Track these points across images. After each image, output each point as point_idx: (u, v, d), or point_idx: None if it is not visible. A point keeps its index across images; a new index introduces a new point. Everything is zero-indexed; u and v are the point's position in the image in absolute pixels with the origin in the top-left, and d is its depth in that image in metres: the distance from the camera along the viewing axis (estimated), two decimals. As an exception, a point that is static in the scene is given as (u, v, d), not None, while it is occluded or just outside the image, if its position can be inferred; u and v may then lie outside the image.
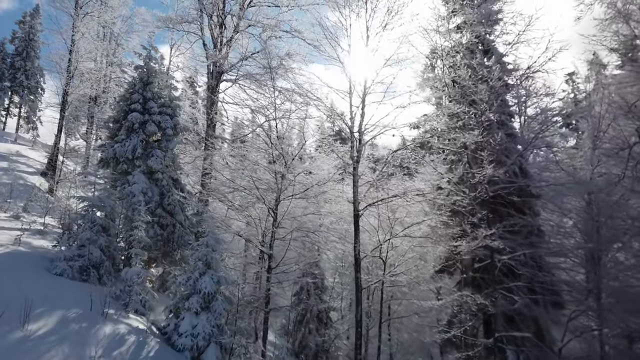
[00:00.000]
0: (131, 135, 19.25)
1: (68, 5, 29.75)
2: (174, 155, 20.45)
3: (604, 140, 20.05)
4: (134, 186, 18.01)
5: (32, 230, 18.24)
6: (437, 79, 22.95)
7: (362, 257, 16.56)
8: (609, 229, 17.01)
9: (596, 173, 19.26)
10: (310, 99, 17.65)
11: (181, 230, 19.22)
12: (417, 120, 17.84)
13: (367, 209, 17.14)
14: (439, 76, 23.37)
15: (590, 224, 17.09)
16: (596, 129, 19.56)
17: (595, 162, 19.23)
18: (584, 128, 21.58)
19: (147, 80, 20.13)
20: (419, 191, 16.56)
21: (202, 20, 23.90)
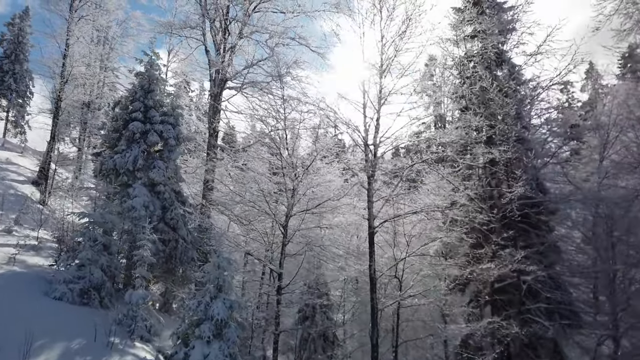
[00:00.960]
0: (132, 146, 18.29)
1: (63, 8, 28.64)
2: (176, 166, 19.52)
3: (611, 151, 19.68)
4: (135, 200, 17.05)
5: (25, 245, 17.22)
6: (436, 86, 22.24)
7: (377, 277, 15.78)
8: (625, 245, 16.51)
9: (604, 185, 18.86)
10: (321, 109, 16.85)
11: (184, 246, 18.28)
12: (434, 134, 17.09)
13: (382, 225, 16.38)
14: (437, 84, 22.68)
15: (605, 240, 16.57)
16: (604, 140, 19.11)
17: (603, 174, 18.76)
18: (589, 139, 21.14)
19: (148, 88, 19.20)
20: (437, 207, 15.81)
21: (204, 26, 23.03)
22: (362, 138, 16.71)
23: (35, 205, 24.46)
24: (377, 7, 17.07)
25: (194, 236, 19.37)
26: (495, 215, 15.54)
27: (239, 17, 22.72)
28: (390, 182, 17.11)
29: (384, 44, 16.86)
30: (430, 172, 17.07)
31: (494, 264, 13.58)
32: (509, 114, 15.44)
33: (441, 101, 27.81)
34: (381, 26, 16.99)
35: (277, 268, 16.08)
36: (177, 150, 19.45)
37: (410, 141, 16.27)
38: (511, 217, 14.73)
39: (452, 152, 15.87)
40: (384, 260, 18.51)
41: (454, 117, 19.71)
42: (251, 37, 22.84)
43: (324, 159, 18.88)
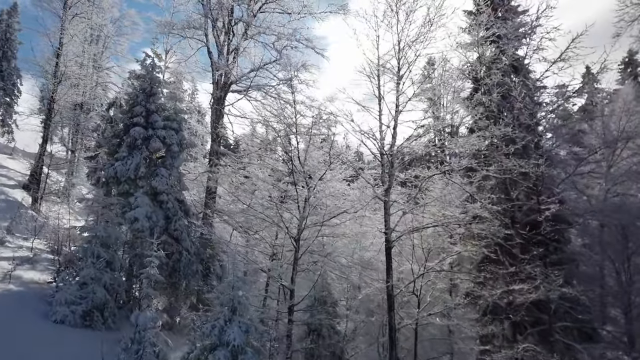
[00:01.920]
0: (133, 152, 17.33)
1: (56, 6, 27.53)
2: (180, 174, 18.59)
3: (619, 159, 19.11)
4: (138, 210, 16.11)
5: (20, 258, 16.23)
6: (434, 89, 21.50)
7: (395, 294, 14.99)
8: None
9: (612, 192, 18.32)
10: (336, 116, 16.04)
11: (188, 258, 17.35)
12: (454, 142, 16.28)
13: (399, 239, 15.59)
14: (436, 87, 21.85)
15: (620, 252, 16.02)
16: (612, 147, 18.52)
17: (610, 182, 18.21)
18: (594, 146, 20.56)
19: (150, 91, 18.26)
20: (459, 220, 15.04)
21: (206, 26, 22.05)
22: (378, 147, 15.91)
23: (27, 211, 23.35)
24: (394, 10, 16.30)
25: (197, 247, 18.47)
26: (519, 229, 14.82)
27: (243, 18, 21.78)
28: (408, 194, 16.31)
29: (402, 48, 16.08)
30: (447, 183, 16.29)
31: (528, 285, 12.80)
32: (540, 124, 14.73)
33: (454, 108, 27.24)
34: (398, 29, 16.20)
35: (289, 284, 15.19)
36: (181, 157, 18.54)
37: (428, 150, 15.46)
38: (540, 233, 14.00)
39: (476, 162, 15.09)
40: (400, 276, 17.69)
41: (467, 124, 18.83)
42: (257, 39, 21.93)
43: (341, 168, 18.11)
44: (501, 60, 18.06)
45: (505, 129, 14.39)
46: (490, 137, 15.50)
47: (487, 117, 16.73)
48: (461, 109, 17.41)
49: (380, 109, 16.18)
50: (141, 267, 16.11)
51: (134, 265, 16.49)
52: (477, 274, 15.35)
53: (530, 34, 17.15)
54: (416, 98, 15.66)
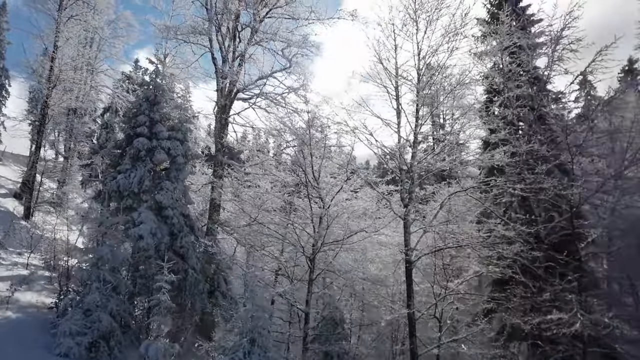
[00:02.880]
0: (137, 165, 16.39)
1: (51, 8, 26.41)
2: (185, 187, 17.66)
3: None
4: (142, 227, 15.16)
5: (16, 277, 15.24)
6: (434, 96, 20.88)
7: (417, 317, 14.24)
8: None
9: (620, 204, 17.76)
10: (352, 129, 15.26)
11: (194, 276, 16.42)
12: (479, 158, 15.54)
13: (420, 259, 14.84)
14: (435, 94, 21.24)
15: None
16: (622, 155, 17.94)
17: (619, 195, 17.66)
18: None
19: (154, 100, 17.33)
20: (484, 239, 14.32)
21: (211, 31, 21.14)
22: (397, 162, 15.19)
23: (20, 222, 22.27)
24: (413, 18, 15.61)
25: (202, 264, 17.56)
26: (546, 250, 14.14)
27: (250, 23, 20.91)
28: (427, 211, 15.58)
29: (422, 58, 15.40)
30: (468, 200, 15.61)
31: (566, 314, 12.06)
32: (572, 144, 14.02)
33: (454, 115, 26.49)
34: (417, 39, 15.53)
35: (304, 307, 14.34)
36: (186, 169, 17.64)
37: (451, 165, 14.71)
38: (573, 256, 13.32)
39: (499, 179, 14.38)
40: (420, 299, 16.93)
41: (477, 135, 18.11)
42: (265, 46, 21.06)
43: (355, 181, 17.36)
44: (517, 71, 17.46)
45: (530, 145, 13.74)
46: (510, 152, 14.87)
47: (510, 131, 16.09)
48: (462, 118, 16.56)
49: (399, 122, 15.50)
50: (145, 288, 15.26)
51: (135, 284, 15.56)
52: (503, 298, 14.58)
53: (554, 45, 16.46)
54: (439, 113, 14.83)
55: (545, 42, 18.34)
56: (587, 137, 13.74)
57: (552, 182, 13.28)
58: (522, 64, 17.35)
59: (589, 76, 16.66)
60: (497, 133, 15.28)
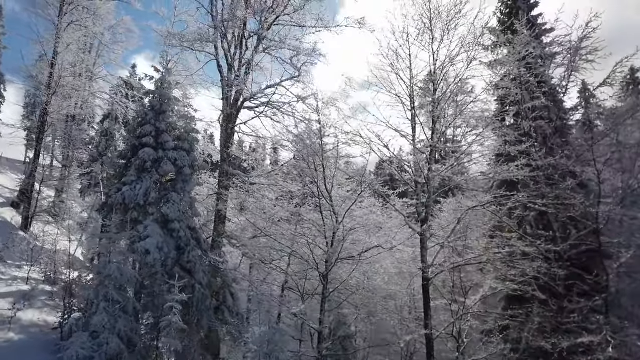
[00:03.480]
0: (142, 176, 15.87)
1: (51, 13, 25.87)
2: (191, 199, 17.11)
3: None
4: (148, 241, 14.61)
5: (16, 294, 14.65)
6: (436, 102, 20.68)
7: (435, 337, 13.74)
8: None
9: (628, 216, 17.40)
10: (361, 139, 14.83)
11: (201, 292, 15.85)
12: (498, 171, 15.07)
13: (438, 275, 14.36)
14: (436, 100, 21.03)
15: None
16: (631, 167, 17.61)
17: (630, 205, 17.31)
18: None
19: (159, 109, 16.83)
20: (504, 256, 13.86)
21: (216, 39, 20.66)
22: (412, 175, 14.74)
23: (18, 233, 21.62)
24: (428, 27, 15.22)
25: (209, 278, 17.01)
26: (567, 267, 13.73)
27: (257, 31, 20.45)
28: (445, 226, 15.12)
29: (438, 68, 15.00)
30: (485, 214, 15.19)
31: (598, 337, 11.56)
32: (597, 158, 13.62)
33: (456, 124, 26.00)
34: (433, 48, 15.13)
35: (318, 327, 13.79)
36: (192, 180, 17.12)
37: (468, 179, 14.30)
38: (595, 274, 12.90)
39: (525, 194, 13.91)
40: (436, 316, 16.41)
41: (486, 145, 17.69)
42: (272, 54, 20.58)
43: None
44: (533, 82, 17.09)
45: (554, 158, 13.34)
46: (528, 165, 14.45)
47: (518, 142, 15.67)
48: (476, 128, 16.13)
49: (415, 134, 15.08)
50: (152, 305, 14.69)
51: (140, 300, 14.98)
52: (522, 316, 14.11)
53: (572, 56, 16.12)
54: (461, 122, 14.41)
55: (560, 52, 18.08)
56: (613, 151, 13.29)
57: (579, 198, 12.81)
58: (537, 75, 17.00)
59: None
60: (516, 145, 14.86)
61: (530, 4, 20.91)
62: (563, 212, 14.16)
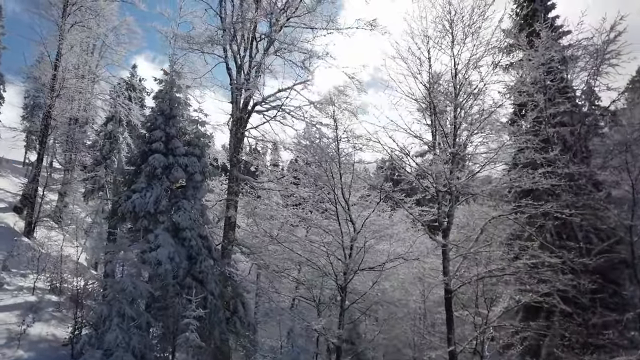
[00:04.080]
0: (152, 183, 15.38)
1: (54, 14, 25.30)
2: (202, 206, 16.61)
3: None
4: (160, 251, 14.12)
5: (23, 306, 14.14)
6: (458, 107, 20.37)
7: (458, 352, 13.24)
8: None
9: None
10: (381, 146, 14.31)
11: (213, 303, 15.33)
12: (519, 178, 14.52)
13: (460, 288, 13.84)
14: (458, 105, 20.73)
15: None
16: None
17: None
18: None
19: (169, 113, 16.36)
20: (530, 268, 13.36)
21: (225, 40, 20.11)
22: (432, 182, 14.21)
23: (22, 239, 21.08)
24: (448, 30, 14.71)
25: (221, 288, 16.51)
26: (595, 279, 13.27)
27: (268, 33, 19.93)
28: (467, 235, 14.59)
29: (459, 71, 14.47)
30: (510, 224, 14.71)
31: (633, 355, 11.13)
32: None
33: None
34: (453, 52, 14.61)
35: (337, 341, 13.27)
36: (203, 187, 16.62)
37: (499, 187, 13.74)
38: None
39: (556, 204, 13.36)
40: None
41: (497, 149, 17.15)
42: (283, 57, 20.05)
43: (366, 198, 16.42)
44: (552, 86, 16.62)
45: (588, 168, 12.87)
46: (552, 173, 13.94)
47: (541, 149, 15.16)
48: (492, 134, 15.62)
49: (435, 141, 14.57)
50: (163, 317, 14.16)
51: (150, 311, 14.46)
52: (545, 328, 13.66)
53: (598, 60, 15.65)
54: (481, 132, 13.90)
55: (581, 55, 17.59)
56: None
57: (612, 209, 12.34)
58: (558, 79, 16.53)
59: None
60: (540, 152, 14.36)
61: (548, 5, 20.45)
62: (592, 222, 13.70)
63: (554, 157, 13.60)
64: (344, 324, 13.68)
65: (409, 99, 15.29)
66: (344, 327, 13.54)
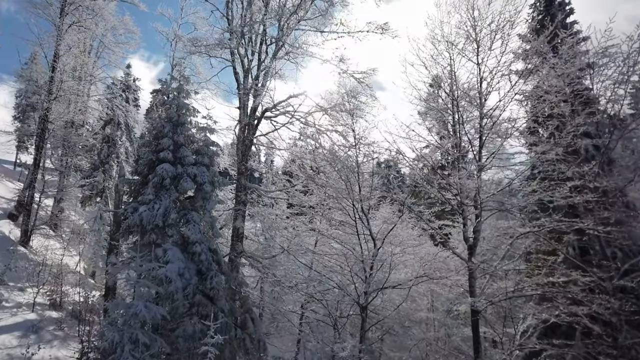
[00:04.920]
0: (161, 194, 14.55)
1: (52, 13, 24.36)
2: (212, 218, 15.82)
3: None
4: (169, 267, 13.28)
5: (23, 324, 13.31)
6: (443, 109, 19.84)
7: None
8: None
9: None
10: (406, 161, 13.66)
11: (225, 321, 14.58)
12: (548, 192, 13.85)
13: (487, 307, 13.18)
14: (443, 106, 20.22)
15: None
16: None
17: None
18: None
19: (177, 120, 15.55)
20: (561, 285, 12.71)
21: (232, 43, 19.31)
22: (457, 196, 13.56)
23: (18, 249, 20.18)
24: (472, 37, 14.10)
25: (231, 305, 15.76)
26: (625, 298, 12.65)
27: (278, 36, 19.14)
28: (493, 252, 13.93)
29: (483, 78, 13.85)
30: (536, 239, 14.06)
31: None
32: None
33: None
34: (479, 59, 14.00)
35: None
36: (213, 197, 15.81)
37: (530, 202, 13.09)
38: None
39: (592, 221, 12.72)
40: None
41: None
42: (296, 61, 19.28)
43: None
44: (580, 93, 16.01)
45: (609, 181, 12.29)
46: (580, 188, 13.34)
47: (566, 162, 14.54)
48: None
49: (460, 151, 13.91)
50: (172, 337, 13.38)
51: (158, 330, 13.68)
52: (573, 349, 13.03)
53: (630, 69, 15.03)
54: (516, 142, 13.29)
55: (607, 63, 17.01)
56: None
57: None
58: (583, 88, 15.91)
59: None
60: (568, 165, 13.76)
61: (566, 11, 19.89)
62: (619, 237, 13.11)
63: (588, 171, 13.01)
64: (365, 346, 12.97)
65: (430, 107, 14.72)
66: (364, 351, 12.81)
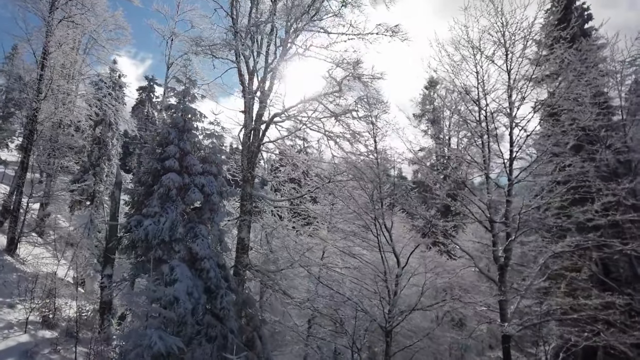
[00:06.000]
0: (167, 206, 13.51)
1: (42, 7, 22.96)
2: (220, 231, 14.83)
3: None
4: (177, 286, 12.28)
5: (16, 349, 12.20)
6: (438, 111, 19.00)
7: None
8: None
9: None
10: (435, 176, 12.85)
11: (233, 341, 13.60)
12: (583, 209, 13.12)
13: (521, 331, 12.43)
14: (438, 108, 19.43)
15: None
16: None
17: None
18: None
19: (183, 126, 14.53)
20: (599, 308, 12.00)
21: (237, 44, 18.26)
22: (486, 213, 12.78)
23: (5, 257, 18.89)
24: (500, 41, 13.37)
25: (240, 323, 14.80)
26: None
27: (286, 37, 18.17)
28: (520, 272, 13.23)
29: (512, 86, 13.11)
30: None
31: None
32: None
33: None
34: (508, 66, 13.26)
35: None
36: (221, 209, 14.81)
37: (558, 220, 12.36)
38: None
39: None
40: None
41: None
42: (304, 64, 18.35)
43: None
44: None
45: None
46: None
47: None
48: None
49: (487, 158, 13.11)
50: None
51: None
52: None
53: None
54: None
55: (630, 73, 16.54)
56: None
57: None
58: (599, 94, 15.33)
59: None
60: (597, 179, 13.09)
61: (584, 17, 19.31)
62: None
63: (622, 188, 12.33)
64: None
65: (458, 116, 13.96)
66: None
